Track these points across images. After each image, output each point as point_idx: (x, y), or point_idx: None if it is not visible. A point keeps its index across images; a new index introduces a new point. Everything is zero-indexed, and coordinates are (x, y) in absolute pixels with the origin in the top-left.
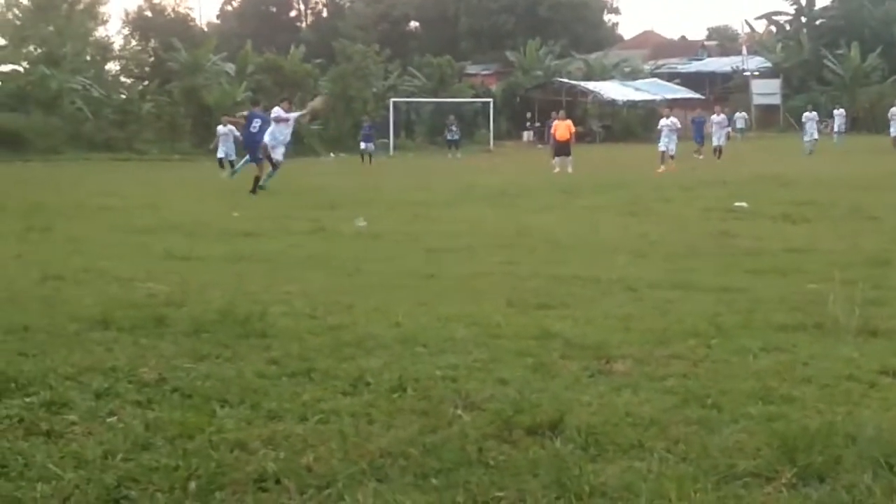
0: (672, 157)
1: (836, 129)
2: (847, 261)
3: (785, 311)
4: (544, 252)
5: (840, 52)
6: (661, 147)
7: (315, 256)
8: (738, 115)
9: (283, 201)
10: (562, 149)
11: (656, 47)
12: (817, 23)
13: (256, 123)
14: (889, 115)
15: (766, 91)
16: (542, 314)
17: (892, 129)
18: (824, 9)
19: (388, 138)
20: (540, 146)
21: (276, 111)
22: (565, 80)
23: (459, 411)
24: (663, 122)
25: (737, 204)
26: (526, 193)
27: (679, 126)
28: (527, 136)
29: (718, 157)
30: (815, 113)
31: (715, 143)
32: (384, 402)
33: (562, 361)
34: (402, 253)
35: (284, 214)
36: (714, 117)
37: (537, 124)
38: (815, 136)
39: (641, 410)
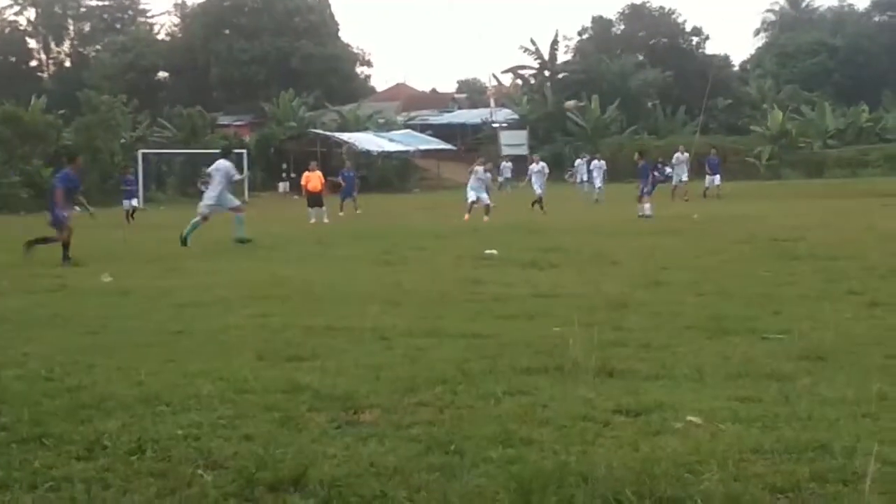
0: (488, 206)
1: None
2: (590, 304)
3: (530, 355)
4: (298, 303)
5: (582, 104)
6: (472, 197)
7: (59, 315)
8: (504, 164)
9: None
10: (315, 200)
11: (409, 99)
12: (560, 76)
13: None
14: (674, 159)
15: (514, 142)
16: (292, 367)
17: (674, 178)
18: (566, 63)
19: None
20: (296, 197)
21: None
22: (320, 132)
23: (200, 471)
24: (533, 167)
25: (487, 251)
26: (282, 245)
27: (548, 171)
28: (283, 186)
29: (542, 208)
30: (603, 161)
31: (538, 192)
32: (121, 466)
33: (309, 414)
34: (151, 308)
35: (28, 273)
36: (533, 167)
37: (293, 175)
38: (600, 184)
39: (386, 460)
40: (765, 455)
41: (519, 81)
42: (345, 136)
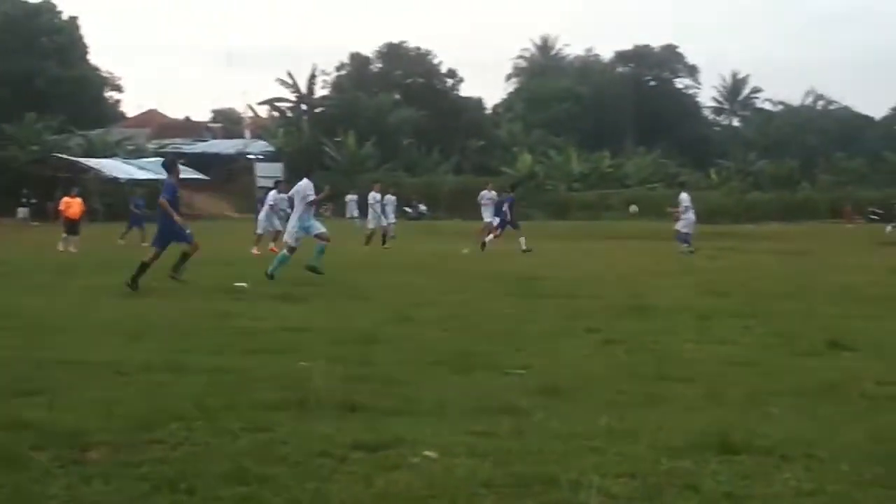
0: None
1: (352, 213)
2: (339, 339)
3: (273, 390)
4: (30, 335)
5: (338, 139)
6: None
7: None
8: (348, 197)
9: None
10: (72, 227)
11: (161, 127)
12: (317, 111)
13: None
14: (479, 198)
15: (270, 174)
16: (17, 402)
17: (485, 215)
18: (323, 98)
19: None
20: (35, 223)
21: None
22: (64, 156)
23: None
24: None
25: (237, 284)
26: (19, 273)
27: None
28: (22, 212)
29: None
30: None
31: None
32: None
33: (32, 452)
34: None
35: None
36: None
37: (34, 201)
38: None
39: (109, 500)
40: (495, 489)
41: (276, 113)
42: (91, 161)
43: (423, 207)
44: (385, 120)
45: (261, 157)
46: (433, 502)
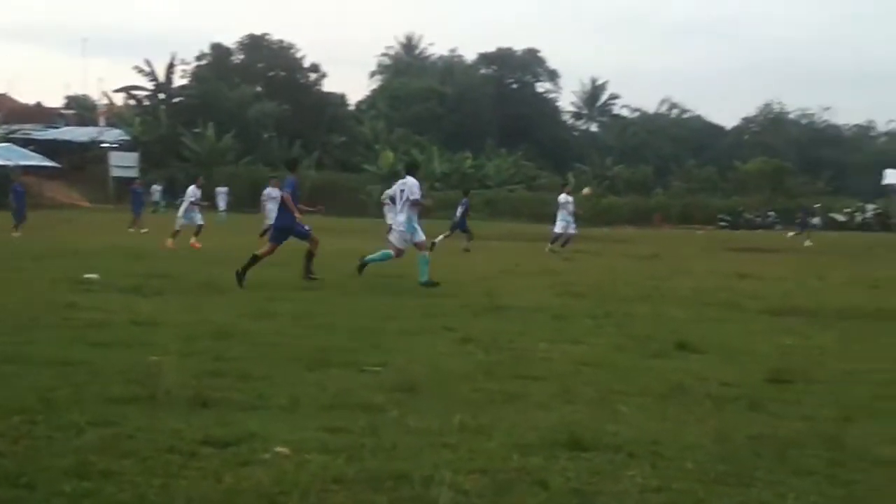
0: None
1: (221, 206)
2: (192, 333)
3: (122, 384)
4: None
5: (197, 130)
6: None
7: None
8: (154, 187)
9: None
10: None
11: (10, 112)
12: (175, 101)
13: None
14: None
15: (125, 164)
16: None
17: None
18: (182, 87)
19: None
20: None
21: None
22: None
23: None
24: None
25: (87, 276)
26: None
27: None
28: None
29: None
30: (226, 188)
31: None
32: None
33: None
34: None
35: None
36: (269, 191)
37: None
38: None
39: None
40: (347, 485)
41: (132, 102)
42: None
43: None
44: (246, 112)
45: (115, 145)
46: (283, 499)
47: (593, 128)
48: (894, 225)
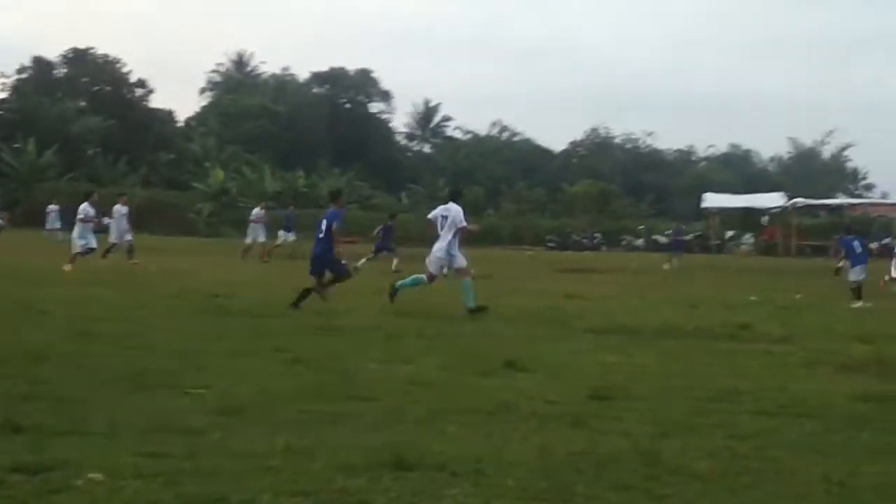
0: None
1: (55, 224)
2: (6, 356)
3: None
4: None
5: (17, 145)
6: None
7: None
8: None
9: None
10: None
11: None
12: None
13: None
14: (114, 212)
15: None
16: None
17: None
18: (1, 102)
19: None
20: None
21: None
22: None
23: None
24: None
25: None
26: None
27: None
28: None
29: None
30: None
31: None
32: None
33: None
34: None
35: None
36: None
37: None
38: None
39: None
40: None
41: None
42: None
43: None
44: (69, 127)
45: None
46: None
47: (426, 149)
48: (713, 246)
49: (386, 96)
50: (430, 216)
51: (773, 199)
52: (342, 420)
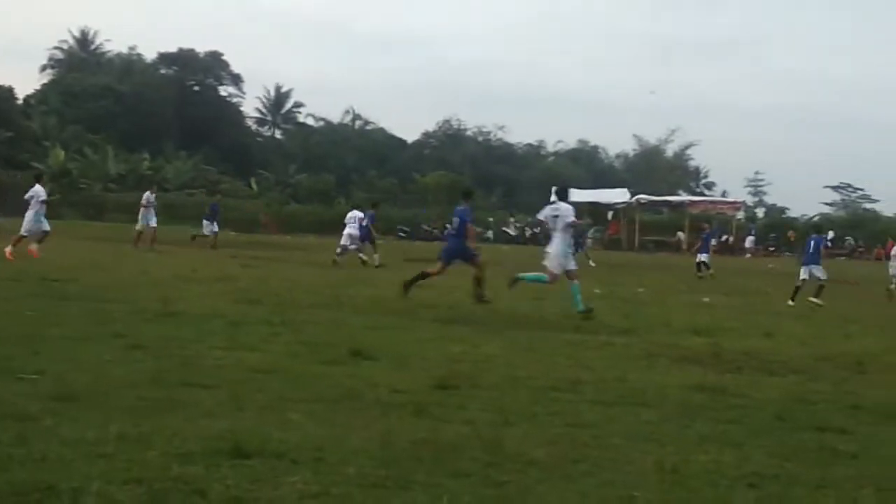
0: None
1: None
2: None
3: None
4: None
5: None
6: None
7: None
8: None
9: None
10: None
11: None
12: None
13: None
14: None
15: None
16: None
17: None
18: None
19: None
20: None
21: None
22: None
23: None
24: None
25: None
26: None
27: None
28: None
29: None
30: None
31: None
32: None
33: None
34: None
35: None
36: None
37: None
38: None
39: None
40: None
41: None
42: None
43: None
44: None
45: None
46: None
47: (277, 135)
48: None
49: (236, 80)
50: (540, 216)
51: (618, 195)
52: (180, 407)
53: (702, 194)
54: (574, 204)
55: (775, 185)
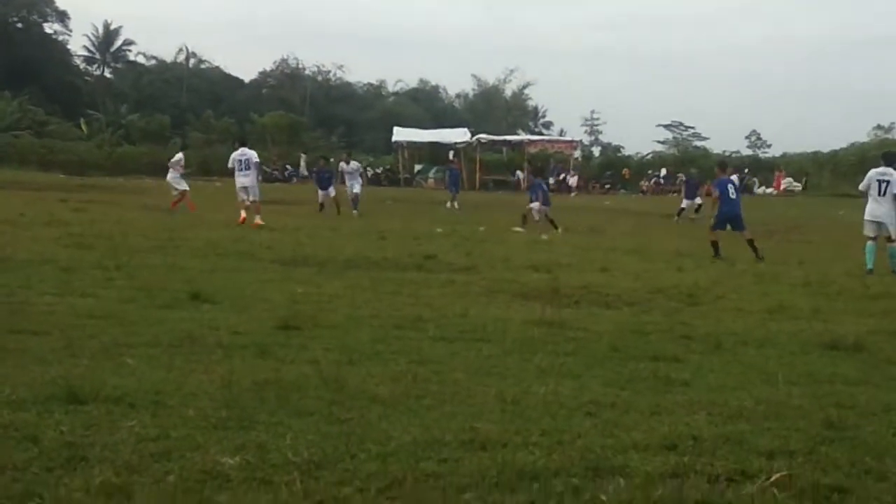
0: None
1: None
2: None
3: None
4: None
5: None
6: None
7: None
8: None
9: None
10: None
11: None
12: None
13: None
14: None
15: None
16: None
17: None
18: None
19: None
20: None
21: None
22: None
23: None
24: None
25: None
26: None
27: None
28: None
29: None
30: None
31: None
32: None
33: None
34: None
35: None
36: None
37: None
38: None
39: None
40: None
41: None
42: None
43: None
44: None
45: None
46: None
47: (107, 74)
48: (402, 180)
49: (62, 17)
50: (861, 186)
51: (458, 135)
52: (9, 355)
53: (540, 134)
54: (414, 144)
55: (610, 125)
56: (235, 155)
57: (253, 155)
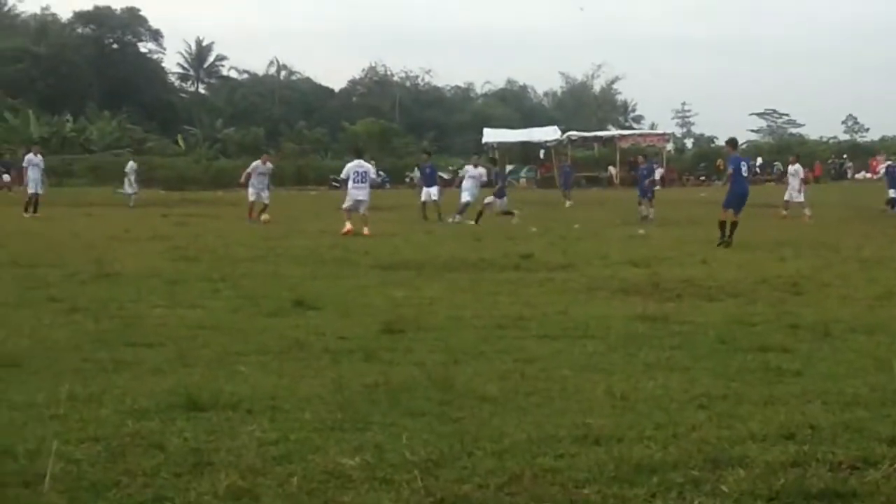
0: None
1: None
2: None
3: None
4: None
5: None
6: None
7: None
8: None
9: None
10: None
11: None
12: None
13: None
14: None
15: None
16: None
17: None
18: None
19: None
20: None
21: None
22: None
23: None
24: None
25: None
26: None
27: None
28: None
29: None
30: None
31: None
32: None
33: None
34: None
35: None
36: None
37: None
38: None
39: None
40: None
41: None
42: None
43: None
44: None
45: None
46: None
47: (201, 89)
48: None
49: (156, 35)
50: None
51: (548, 133)
52: (126, 367)
53: (631, 128)
54: (504, 144)
55: (702, 115)
56: (352, 166)
57: (370, 168)
